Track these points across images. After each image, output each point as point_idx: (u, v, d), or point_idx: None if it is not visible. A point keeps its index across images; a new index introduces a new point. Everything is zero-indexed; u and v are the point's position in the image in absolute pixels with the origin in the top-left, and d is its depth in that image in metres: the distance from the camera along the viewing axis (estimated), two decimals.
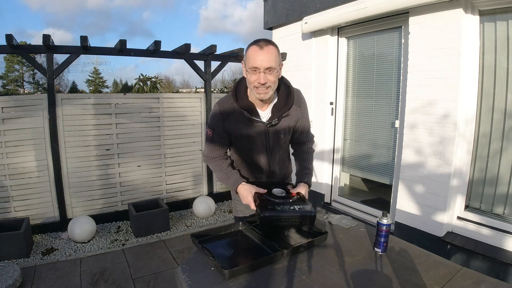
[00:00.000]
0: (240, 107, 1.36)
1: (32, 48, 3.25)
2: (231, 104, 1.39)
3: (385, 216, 1.24)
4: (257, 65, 1.24)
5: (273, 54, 1.25)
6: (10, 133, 3.12)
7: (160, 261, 2.75)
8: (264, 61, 1.23)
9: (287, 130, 1.46)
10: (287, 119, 1.43)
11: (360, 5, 2.92)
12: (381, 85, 3.25)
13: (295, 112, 1.45)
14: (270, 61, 1.24)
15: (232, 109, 1.38)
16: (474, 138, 2.54)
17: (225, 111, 1.39)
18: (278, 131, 1.43)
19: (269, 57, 1.24)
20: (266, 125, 1.39)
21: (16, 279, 2.24)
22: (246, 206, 1.56)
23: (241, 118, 1.38)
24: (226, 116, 1.39)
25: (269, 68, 1.25)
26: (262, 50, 1.23)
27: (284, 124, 1.43)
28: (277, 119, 1.38)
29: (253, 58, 1.24)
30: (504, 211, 2.41)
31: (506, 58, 2.32)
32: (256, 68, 1.25)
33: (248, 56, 1.27)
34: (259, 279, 1.05)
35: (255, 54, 1.24)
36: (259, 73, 1.25)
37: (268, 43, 1.26)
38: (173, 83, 31.61)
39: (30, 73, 29.68)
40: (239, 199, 1.59)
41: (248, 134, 1.40)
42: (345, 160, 3.77)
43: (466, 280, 1.06)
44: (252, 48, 1.26)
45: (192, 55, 3.99)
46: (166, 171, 3.99)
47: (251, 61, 1.25)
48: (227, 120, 1.39)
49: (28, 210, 3.28)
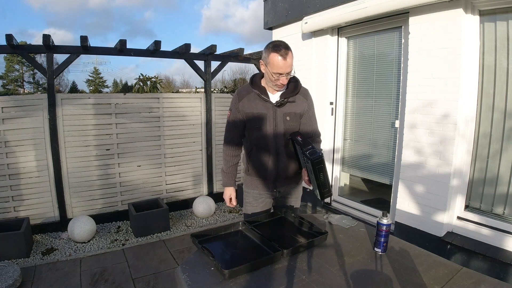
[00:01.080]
0: (254, 89, 1.63)
1: (32, 48, 3.25)
2: (247, 89, 1.68)
3: (385, 216, 1.24)
4: (281, 72, 1.51)
5: (292, 59, 1.53)
6: (10, 133, 3.12)
7: (160, 261, 2.75)
8: (287, 67, 1.51)
9: (293, 115, 1.67)
10: (294, 105, 1.66)
11: (360, 5, 2.92)
12: (381, 85, 3.25)
13: (301, 102, 1.69)
14: (291, 67, 1.53)
15: (247, 92, 1.67)
16: (474, 138, 2.54)
17: (241, 93, 1.68)
18: (285, 113, 1.64)
19: (290, 63, 1.52)
20: (273, 105, 1.62)
21: (16, 279, 2.24)
22: (255, 198, 1.78)
23: (253, 98, 1.65)
24: (241, 97, 1.67)
25: (289, 72, 1.54)
26: (285, 60, 1.48)
27: (290, 109, 1.65)
28: (283, 100, 1.61)
29: (277, 65, 1.50)
30: (504, 211, 2.41)
31: (506, 58, 2.32)
32: (280, 74, 1.52)
33: (272, 63, 1.51)
34: (259, 279, 1.05)
35: (280, 63, 1.49)
36: (282, 76, 1.53)
37: (288, 50, 1.51)
38: (173, 83, 31.62)
39: (30, 73, 29.69)
40: (248, 191, 1.80)
41: (258, 112, 1.63)
42: (345, 160, 3.77)
43: (466, 280, 1.06)
44: (277, 57, 1.49)
45: (192, 55, 3.99)
46: (166, 171, 3.99)
47: (275, 68, 1.50)
48: (241, 100, 1.66)
49: (28, 210, 3.28)
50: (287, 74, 1.53)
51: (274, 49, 1.50)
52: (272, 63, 1.51)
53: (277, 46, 1.51)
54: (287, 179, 1.75)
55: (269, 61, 1.52)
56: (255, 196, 1.76)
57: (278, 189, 1.75)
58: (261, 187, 1.74)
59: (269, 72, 1.55)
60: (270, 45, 1.54)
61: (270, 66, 1.52)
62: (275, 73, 1.52)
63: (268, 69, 1.55)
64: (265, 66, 1.57)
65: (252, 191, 1.77)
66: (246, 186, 1.81)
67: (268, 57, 1.52)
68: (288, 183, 1.77)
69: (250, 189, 1.78)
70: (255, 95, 1.63)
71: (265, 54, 1.55)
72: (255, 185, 1.76)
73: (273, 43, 1.55)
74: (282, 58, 1.48)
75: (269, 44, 1.56)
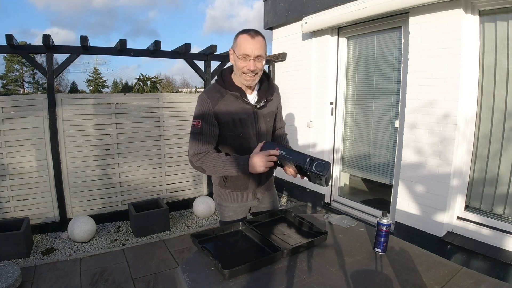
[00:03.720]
0: (229, 91, 1.41)
1: (32, 48, 3.25)
2: (218, 91, 1.42)
3: (385, 216, 1.24)
4: (248, 53, 1.31)
5: (262, 43, 1.34)
6: (10, 133, 3.12)
7: (160, 261, 2.75)
8: (255, 49, 1.31)
9: (271, 115, 1.55)
10: (271, 103, 1.53)
11: (360, 5, 2.92)
12: (381, 85, 3.25)
13: (276, 97, 1.57)
14: (260, 49, 1.32)
15: (220, 94, 1.41)
16: (474, 138, 2.54)
17: (214, 96, 1.40)
18: (264, 114, 1.50)
19: (259, 45, 1.32)
20: (254, 108, 1.45)
21: (16, 279, 2.24)
22: (235, 212, 1.58)
23: (230, 101, 1.41)
24: (215, 102, 1.39)
25: (259, 56, 1.33)
26: (254, 39, 1.31)
27: (268, 109, 1.52)
28: (263, 102, 1.47)
29: (244, 46, 1.31)
30: (504, 211, 2.41)
31: (506, 58, 2.32)
32: (246, 56, 1.32)
33: (239, 44, 1.33)
34: (259, 279, 1.05)
35: (246, 42, 1.31)
36: (249, 60, 1.32)
37: (258, 33, 1.34)
38: (173, 83, 31.66)
39: (30, 73, 29.69)
40: (227, 205, 1.57)
41: (239, 118, 1.42)
42: (345, 160, 3.77)
43: (466, 280, 1.06)
44: (243, 37, 1.32)
45: (192, 55, 3.99)
46: (166, 171, 3.98)
47: (242, 49, 1.32)
48: (216, 105, 1.39)
49: (28, 210, 3.27)
50: (256, 59, 1.32)
51: (243, 31, 1.34)
52: (239, 44, 1.32)
53: (247, 29, 1.35)
54: (265, 185, 1.62)
55: (236, 44, 1.34)
56: (235, 209, 1.58)
57: (258, 196, 1.61)
58: (240, 198, 1.56)
59: (236, 59, 1.35)
60: (240, 31, 1.37)
61: (237, 48, 1.33)
62: (242, 55, 1.31)
63: (235, 54, 1.35)
64: (233, 53, 1.37)
65: (231, 205, 1.57)
66: (222, 200, 1.58)
67: (236, 40, 1.35)
68: (265, 188, 1.64)
69: (228, 203, 1.57)
70: (232, 97, 1.40)
71: (234, 40, 1.37)
72: (233, 198, 1.56)
73: (244, 29, 1.37)
74: (250, 37, 1.30)
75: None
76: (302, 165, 1.25)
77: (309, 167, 1.23)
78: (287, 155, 1.28)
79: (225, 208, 1.59)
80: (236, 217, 1.59)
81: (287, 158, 1.28)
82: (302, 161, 1.25)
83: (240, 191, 1.55)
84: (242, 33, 1.34)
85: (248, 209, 1.66)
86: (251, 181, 1.53)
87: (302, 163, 1.25)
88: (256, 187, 1.57)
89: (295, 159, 1.27)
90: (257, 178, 1.54)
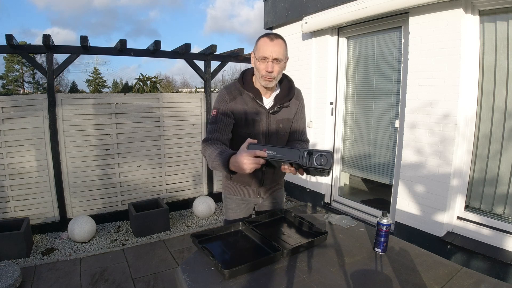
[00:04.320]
0: (246, 91, 1.46)
1: (32, 48, 3.25)
2: (237, 89, 1.48)
3: (385, 216, 1.24)
4: (266, 55, 1.35)
5: (282, 47, 1.37)
6: (10, 133, 3.12)
7: (160, 261, 2.75)
8: (273, 52, 1.34)
9: (286, 121, 1.53)
10: (287, 110, 1.52)
11: (360, 5, 2.92)
12: (381, 85, 3.25)
13: (294, 105, 1.55)
14: (278, 52, 1.35)
15: (238, 93, 1.47)
16: (474, 138, 2.54)
17: (233, 93, 1.47)
18: (278, 120, 1.50)
19: (278, 48, 1.35)
20: (267, 112, 1.47)
21: (16, 279, 2.24)
22: (237, 204, 1.62)
23: (246, 101, 1.46)
24: (233, 96, 1.46)
25: (277, 59, 1.36)
26: (272, 42, 1.35)
27: (284, 115, 1.51)
28: (278, 106, 1.48)
29: (263, 48, 1.35)
30: (504, 211, 2.41)
31: (506, 58, 2.32)
32: (265, 58, 1.35)
33: (259, 46, 1.38)
34: (259, 279, 1.05)
35: (265, 45, 1.35)
36: (268, 62, 1.36)
37: (277, 37, 1.38)
38: (173, 83, 31.66)
39: (30, 73, 29.69)
40: (230, 196, 1.63)
41: (252, 118, 1.46)
42: (345, 160, 3.77)
43: (466, 280, 1.06)
44: (263, 40, 1.37)
45: (192, 55, 3.99)
46: (166, 171, 3.98)
47: (261, 51, 1.36)
48: (233, 100, 1.45)
49: (28, 210, 3.27)
50: (275, 61, 1.35)
51: (264, 35, 1.39)
52: (258, 46, 1.37)
53: (268, 33, 1.41)
54: (271, 185, 1.64)
55: (256, 47, 1.40)
56: (238, 202, 1.63)
57: (262, 195, 1.63)
58: (244, 193, 1.61)
59: (256, 61, 1.40)
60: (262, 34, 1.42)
61: (257, 50, 1.38)
62: (261, 57, 1.36)
63: (255, 57, 1.40)
64: (254, 56, 1.42)
65: (234, 197, 1.63)
66: (227, 191, 1.65)
67: (256, 44, 1.41)
68: (272, 189, 1.66)
69: (232, 194, 1.63)
70: (249, 97, 1.46)
71: (255, 44, 1.42)
72: (237, 191, 1.61)
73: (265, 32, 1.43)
74: (269, 40, 1.34)
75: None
76: (299, 162, 1.11)
77: (309, 162, 1.11)
78: (279, 155, 1.14)
79: (228, 200, 1.65)
80: (239, 211, 1.63)
81: (280, 158, 1.14)
82: (298, 158, 1.12)
83: (243, 186, 1.59)
84: (262, 36, 1.39)
85: (252, 206, 1.68)
86: (254, 179, 1.55)
87: (299, 160, 1.12)
88: (259, 186, 1.58)
89: (289, 157, 1.13)
90: (260, 177, 1.54)
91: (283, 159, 1.14)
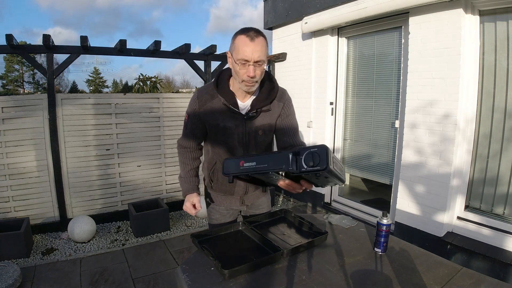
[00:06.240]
0: (219, 95, 1.29)
1: (32, 48, 3.25)
2: (211, 91, 1.31)
3: (385, 216, 1.24)
4: (247, 58, 1.15)
5: (263, 45, 1.17)
6: (10, 133, 3.12)
7: (160, 261, 2.75)
8: (255, 53, 1.15)
9: (267, 127, 1.35)
10: (268, 115, 1.34)
11: (360, 5, 2.92)
12: (381, 85, 3.25)
13: (277, 108, 1.36)
14: (260, 53, 1.16)
15: (211, 96, 1.31)
16: (474, 138, 2.54)
17: (203, 97, 1.32)
18: (257, 126, 1.33)
19: (259, 48, 1.15)
20: (243, 117, 1.30)
21: (16, 279, 2.24)
22: (222, 214, 1.55)
23: (218, 106, 1.29)
24: (203, 103, 1.31)
25: (259, 61, 1.17)
26: (253, 42, 1.14)
27: (264, 120, 1.34)
28: (254, 111, 1.30)
29: (243, 50, 1.15)
30: (504, 211, 2.41)
31: (506, 58, 2.32)
32: (245, 61, 1.16)
33: (237, 47, 1.17)
34: (259, 279, 1.05)
35: (245, 46, 1.15)
36: (249, 66, 1.17)
37: (258, 34, 1.17)
38: (173, 83, 31.67)
39: (30, 73, 29.71)
40: (213, 207, 1.55)
41: (224, 125, 1.30)
42: (345, 160, 3.77)
43: (466, 280, 1.06)
44: (242, 39, 1.16)
45: (192, 55, 3.99)
46: (166, 171, 3.98)
47: (240, 53, 1.16)
48: (203, 106, 1.31)
49: (28, 210, 3.27)
50: (256, 64, 1.16)
51: (241, 31, 1.18)
52: (237, 47, 1.16)
53: (246, 29, 1.18)
54: (256, 191, 1.53)
55: (234, 47, 1.18)
56: (222, 212, 1.53)
57: (246, 203, 1.53)
58: (227, 203, 1.51)
59: (234, 64, 1.20)
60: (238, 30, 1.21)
61: (235, 51, 1.17)
62: (240, 60, 1.16)
63: (233, 58, 1.20)
64: (231, 56, 1.22)
65: (217, 208, 1.53)
66: (210, 201, 1.56)
67: (234, 42, 1.18)
68: (256, 196, 1.55)
69: (215, 205, 1.53)
70: (221, 102, 1.28)
71: (231, 42, 1.20)
72: (219, 201, 1.51)
73: (243, 28, 1.20)
74: (250, 39, 1.14)
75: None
76: (285, 169, 0.87)
77: (297, 167, 0.85)
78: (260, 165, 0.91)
79: (211, 210, 1.55)
80: (223, 220, 1.54)
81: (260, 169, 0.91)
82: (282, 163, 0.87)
83: (226, 195, 1.49)
84: (240, 33, 1.17)
85: (237, 213, 1.60)
86: (237, 188, 1.45)
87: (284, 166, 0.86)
88: (243, 194, 1.49)
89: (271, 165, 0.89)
90: (244, 186, 1.45)
91: (265, 170, 0.91)
